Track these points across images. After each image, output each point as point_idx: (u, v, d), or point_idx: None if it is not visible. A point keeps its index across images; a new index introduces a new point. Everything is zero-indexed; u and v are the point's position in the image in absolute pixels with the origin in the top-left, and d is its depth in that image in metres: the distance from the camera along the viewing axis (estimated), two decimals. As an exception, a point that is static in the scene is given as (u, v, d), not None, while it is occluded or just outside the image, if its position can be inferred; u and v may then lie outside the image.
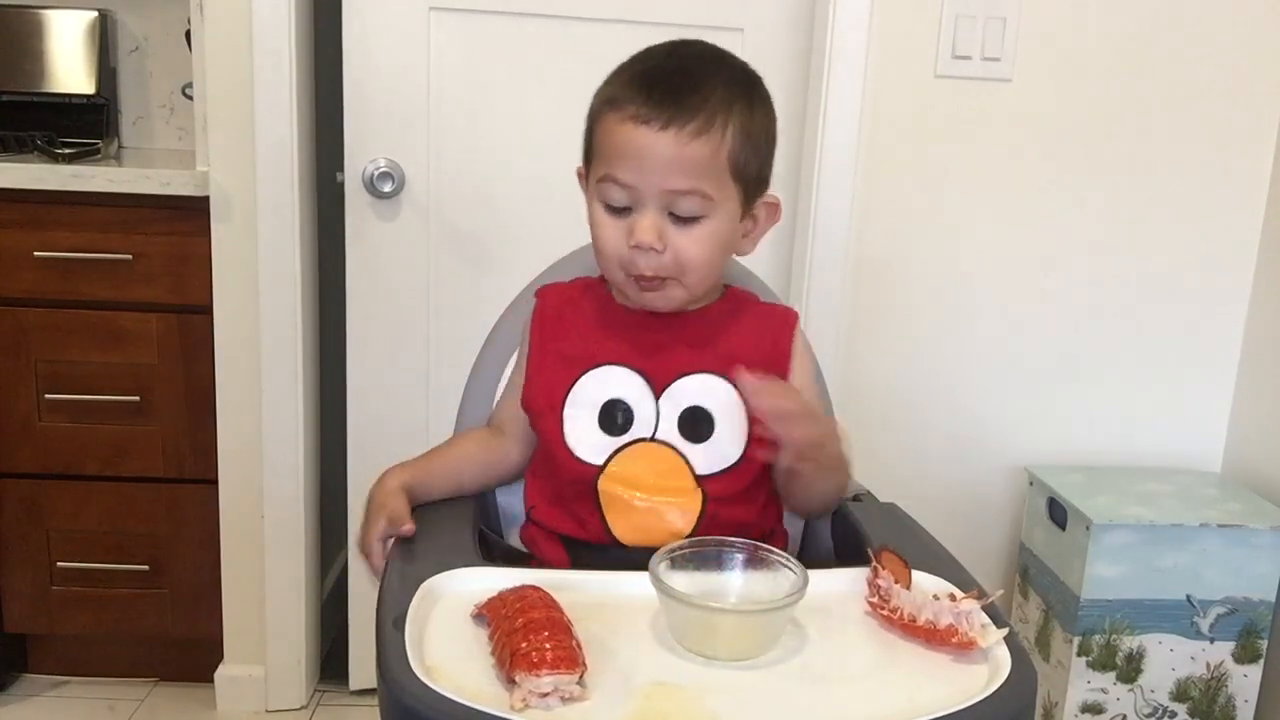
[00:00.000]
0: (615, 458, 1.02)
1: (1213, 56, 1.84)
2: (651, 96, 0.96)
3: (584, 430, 1.03)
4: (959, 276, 1.89)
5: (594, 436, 1.03)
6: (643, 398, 1.03)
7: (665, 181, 0.96)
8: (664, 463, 1.03)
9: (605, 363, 1.04)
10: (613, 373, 1.04)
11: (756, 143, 1.00)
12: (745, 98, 1.00)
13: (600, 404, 1.03)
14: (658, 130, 0.95)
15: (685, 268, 0.99)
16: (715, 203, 0.98)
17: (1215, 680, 1.76)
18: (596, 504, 1.02)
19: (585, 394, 1.04)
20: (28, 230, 1.79)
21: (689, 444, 1.03)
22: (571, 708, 0.74)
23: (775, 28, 1.86)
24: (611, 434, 1.03)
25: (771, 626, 0.83)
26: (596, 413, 1.03)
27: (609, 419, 1.03)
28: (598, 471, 1.02)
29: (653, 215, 0.97)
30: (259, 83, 1.75)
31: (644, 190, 0.97)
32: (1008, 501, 1.98)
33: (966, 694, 0.77)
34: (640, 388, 1.04)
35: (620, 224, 0.99)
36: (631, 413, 1.03)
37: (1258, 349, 1.91)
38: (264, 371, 1.85)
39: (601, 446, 1.03)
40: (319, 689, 2.05)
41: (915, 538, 1.03)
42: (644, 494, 1.02)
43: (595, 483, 1.02)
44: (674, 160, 0.95)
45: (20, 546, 1.90)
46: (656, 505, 1.02)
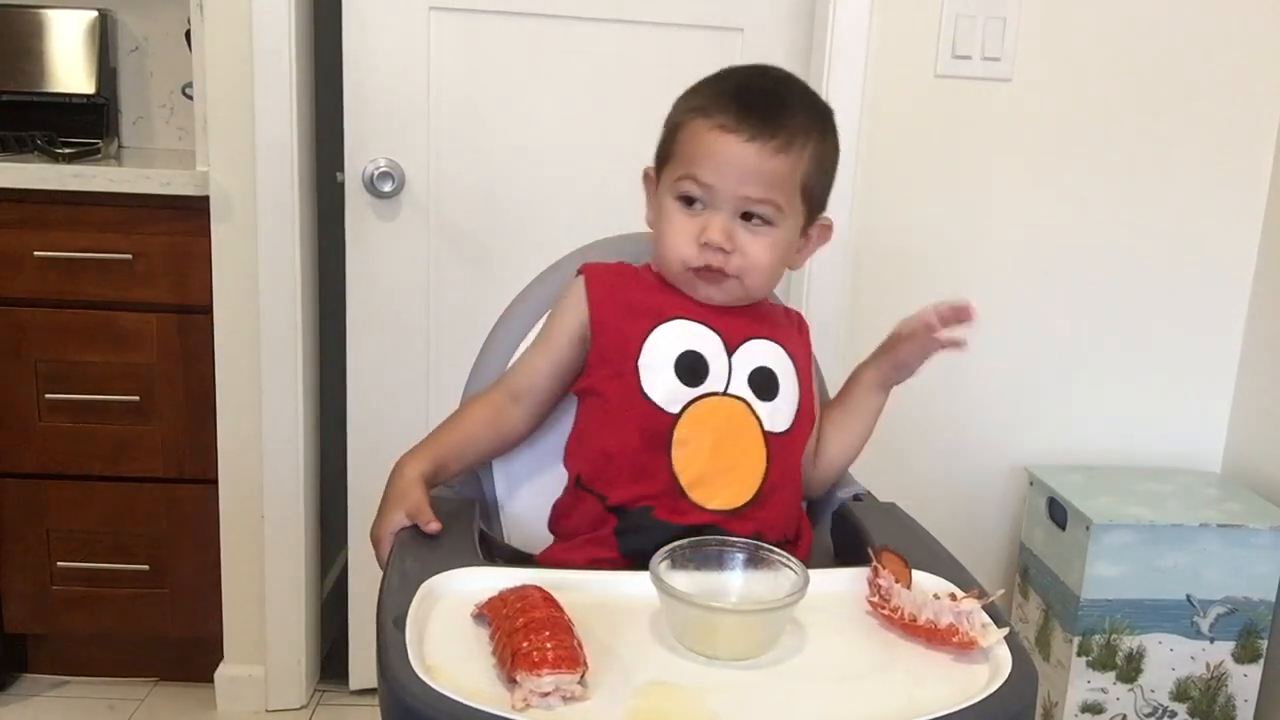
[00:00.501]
0: (691, 406, 1.04)
1: (1213, 56, 1.84)
2: (743, 110, 1.03)
3: (661, 380, 1.05)
4: (959, 276, 1.89)
5: (670, 385, 1.05)
6: (718, 352, 1.07)
7: (742, 188, 1.03)
8: (737, 416, 1.06)
9: (678, 316, 1.07)
10: (688, 326, 1.07)
11: (825, 169, 1.09)
12: (822, 127, 1.08)
13: (676, 355, 1.06)
14: (744, 141, 1.02)
15: (749, 269, 1.06)
16: (785, 214, 1.05)
17: (1215, 680, 1.76)
18: (667, 453, 1.03)
19: (661, 346, 1.06)
20: (28, 230, 1.79)
21: (759, 400, 1.07)
22: (572, 707, 0.74)
23: (775, 28, 1.86)
24: (688, 384, 1.05)
25: (772, 626, 0.83)
26: (673, 363, 1.05)
27: (685, 370, 1.05)
28: (673, 420, 1.04)
29: (725, 217, 1.04)
30: (259, 83, 1.76)
31: (721, 192, 1.04)
32: (1008, 501, 1.98)
33: (967, 693, 0.77)
34: (715, 342, 1.07)
35: (692, 221, 1.06)
36: (707, 366, 1.06)
37: (1258, 349, 1.91)
38: (264, 371, 1.85)
39: (678, 396, 1.05)
40: (319, 689, 2.05)
41: (915, 537, 1.04)
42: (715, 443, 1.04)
43: (670, 431, 1.03)
44: (755, 170, 1.03)
45: (20, 546, 1.90)
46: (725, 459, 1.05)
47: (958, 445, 1.96)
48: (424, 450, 1.11)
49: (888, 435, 1.93)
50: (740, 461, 1.05)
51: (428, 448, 1.11)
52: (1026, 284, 1.90)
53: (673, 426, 1.03)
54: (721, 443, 1.04)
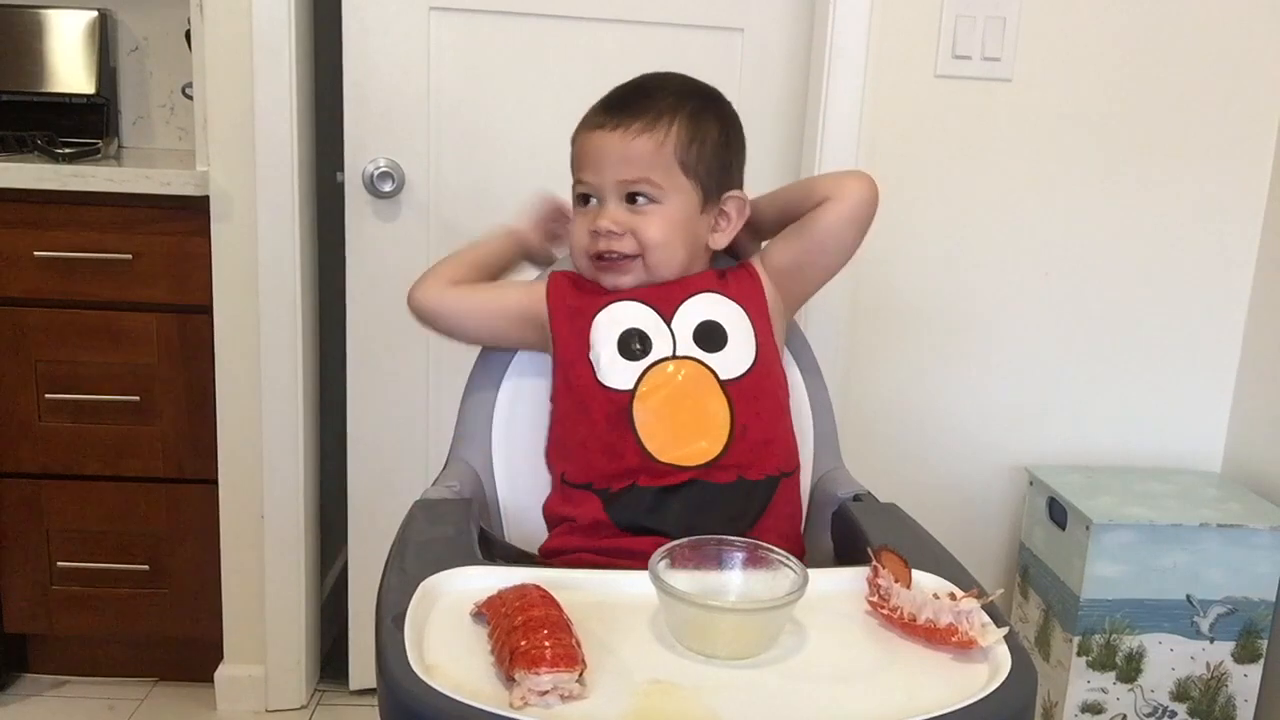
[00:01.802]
0: (643, 379, 1.10)
1: (1213, 56, 1.84)
2: (607, 107, 1.14)
3: (608, 362, 1.10)
4: (959, 276, 1.89)
5: (618, 365, 1.10)
6: (655, 323, 1.12)
7: (617, 173, 1.12)
8: (690, 374, 1.11)
9: (612, 301, 1.14)
10: (623, 307, 1.13)
11: (705, 142, 1.14)
12: (694, 103, 1.14)
13: (617, 336, 1.11)
14: (609, 131, 1.12)
15: (645, 246, 1.12)
16: (665, 190, 1.12)
17: (1215, 680, 1.76)
18: (631, 427, 1.08)
19: (602, 330, 1.12)
20: (28, 230, 1.79)
21: (708, 354, 1.11)
22: (571, 706, 0.74)
23: (775, 28, 1.86)
24: (633, 359, 1.11)
25: (771, 625, 0.83)
26: (615, 344, 1.11)
27: (627, 347, 1.11)
28: (629, 397, 1.09)
29: (612, 206, 1.13)
30: (259, 83, 1.76)
31: (602, 185, 1.13)
32: (1008, 501, 1.98)
33: (966, 693, 0.77)
34: (650, 314, 1.12)
35: (586, 217, 1.15)
36: (648, 338, 1.11)
37: (1258, 349, 1.91)
38: (264, 371, 1.85)
39: (628, 372, 1.10)
40: (319, 689, 2.05)
41: (915, 537, 1.03)
42: (674, 408, 1.09)
43: (629, 407, 1.09)
44: (622, 154, 1.11)
45: (20, 546, 1.90)
46: (687, 419, 1.09)
47: (958, 445, 1.96)
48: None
49: (888, 435, 1.95)
50: (702, 416, 1.10)
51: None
52: (1026, 284, 1.90)
53: (630, 403, 1.09)
54: (680, 403, 1.10)
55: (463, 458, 1.21)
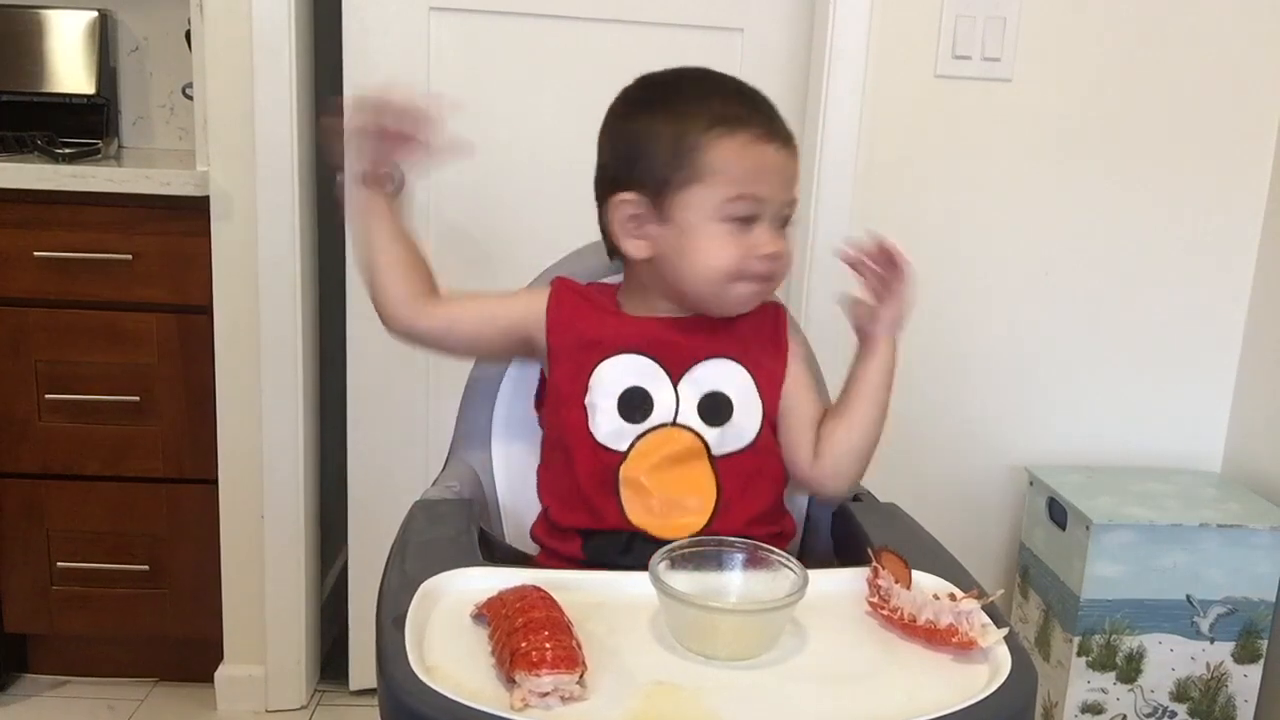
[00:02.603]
0: (637, 444, 1.05)
1: (1213, 56, 1.84)
2: (765, 117, 1.05)
3: (605, 418, 1.05)
4: (959, 276, 1.89)
5: (615, 424, 1.05)
6: (662, 384, 1.06)
7: (785, 193, 1.05)
8: (684, 446, 1.06)
9: (621, 350, 1.07)
10: (632, 361, 1.06)
11: None
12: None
13: (620, 392, 1.05)
14: (779, 147, 1.04)
15: (788, 268, 1.08)
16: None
17: (1215, 680, 1.76)
18: (616, 491, 1.04)
19: (605, 382, 1.06)
20: (28, 230, 1.79)
21: (708, 427, 1.06)
22: (571, 707, 0.74)
23: (775, 28, 1.86)
24: (632, 421, 1.05)
25: (771, 626, 0.83)
26: (616, 401, 1.05)
27: (629, 407, 1.05)
28: (620, 459, 1.04)
29: (773, 227, 1.05)
30: (259, 83, 1.76)
31: (772, 203, 1.04)
32: (1008, 501, 1.98)
33: (967, 694, 0.77)
34: (659, 374, 1.06)
35: (741, 238, 1.03)
36: (651, 400, 1.06)
37: (1257, 349, 1.91)
38: (264, 371, 1.85)
39: (623, 434, 1.05)
40: (319, 689, 2.05)
41: (915, 538, 1.04)
42: (660, 479, 1.04)
43: (617, 470, 1.04)
44: (791, 175, 1.06)
45: (20, 546, 1.90)
46: (673, 493, 1.04)
47: (958, 445, 1.96)
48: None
49: (888, 435, 1.94)
50: (688, 490, 1.05)
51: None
52: (1026, 284, 1.90)
53: (619, 465, 1.04)
54: (668, 473, 1.05)
55: (462, 458, 1.21)
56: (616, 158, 1.07)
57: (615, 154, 1.07)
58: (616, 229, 1.07)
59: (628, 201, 1.05)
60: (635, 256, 1.07)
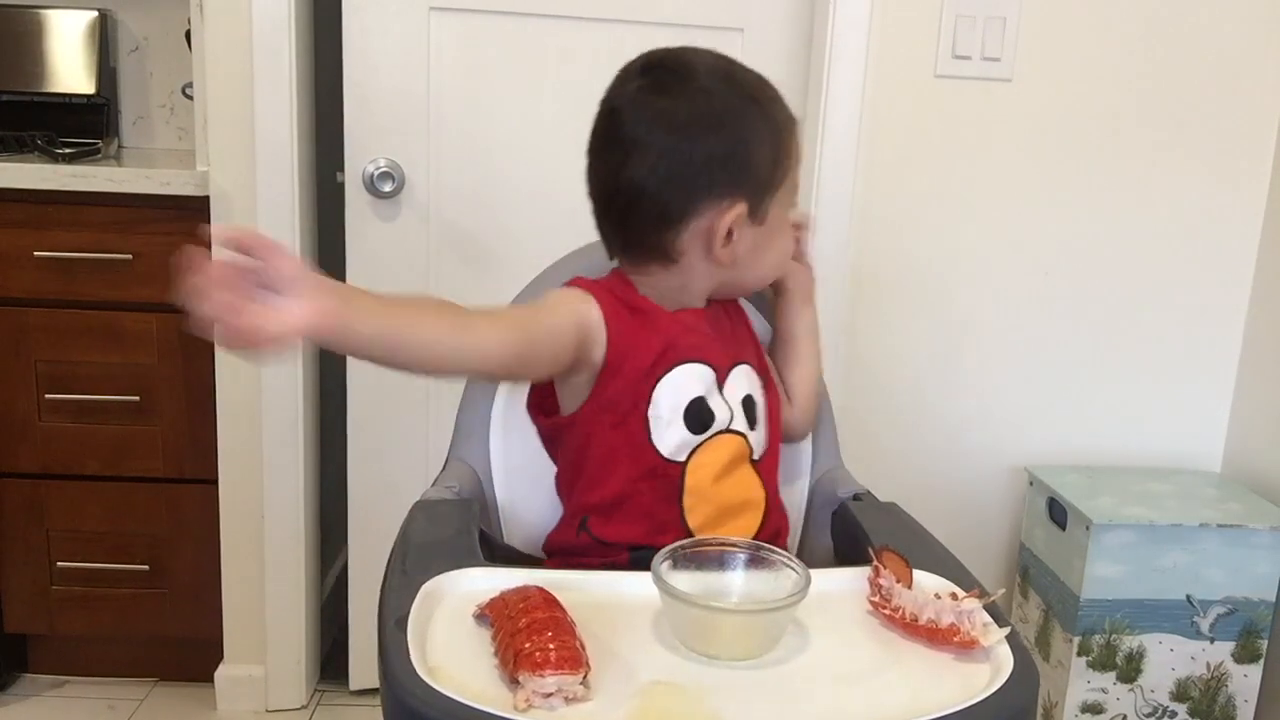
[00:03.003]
0: (697, 452, 1.04)
1: (1213, 57, 1.84)
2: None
3: (671, 431, 1.02)
4: (959, 276, 1.89)
5: (680, 437, 1.03)
6: (715, 391, 1.05)
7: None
8: (736, 452, 1.06)
9: (684, 360, 1.03)
10: (693, 371, 1.04)
11: None
12: None
13: (685, 405, 1.03)
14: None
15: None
16: None
17: (1215, 680, 1.76)
18: (679, 502, 1.03)
19: (669, 396, 1.02)
20: (28, 230, 1.79)
21: (750, 431, 1.07)
22: (575, 708, 0.74)
23: (775, 28, 1.86)
24: (697, 432, 1.04)
25: (773, 626, 0.83)
26: (682, 414, 1.03)
27: (694, 419, 1.03)
28: (682, 469, 1.03)
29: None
30: (259, 83, 1.75)
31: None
32: (1008, 501, 1.98)
33: (968, 693, 0.77)
34: (713, 380, 1.05)
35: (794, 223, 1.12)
36: (711, 412, 1.04)
37: (1257, 349, 1.91)
38: (264, 372, 1.85)
39: (687, 445, 1.03)
40: (319, 689, 2.05)
41: (916, 537, 1.03)
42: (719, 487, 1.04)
43: (681, 481, 1.03)
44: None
45: (20, 546, 1.90)
46: (730, 499, 1.05)
47: (958, 445, 1.96)
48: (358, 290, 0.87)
49: (889, 435, 1.95)
50: (742, 494, 1.06)
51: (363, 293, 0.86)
52: (1026, 284, 1.90)
53: (682, 475, 1.03)
54: (724, 480, 1.05)
55: (462, 458, 1.21)
56: (712, 165, 0.99)
57: (709, 160, 0.99)
58: (714, 238, 1.01)
59: (736, 210, 1.00)
60: (724, 264, 1.03)
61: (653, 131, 0.99)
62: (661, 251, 1.03)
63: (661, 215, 1.01)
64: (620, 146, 1.01)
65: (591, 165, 1.05)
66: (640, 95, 1.00)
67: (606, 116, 1.03)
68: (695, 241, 1.02)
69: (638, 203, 1.01)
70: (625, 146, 1.00)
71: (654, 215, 1.01)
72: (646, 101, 1.00)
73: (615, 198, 1.03)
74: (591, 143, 1.05)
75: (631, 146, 0.99)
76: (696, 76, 1.00)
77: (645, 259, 1.04)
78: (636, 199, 1.00)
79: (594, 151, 1.05)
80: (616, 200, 1.03)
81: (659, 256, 1.03)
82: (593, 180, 1.06)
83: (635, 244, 1.05)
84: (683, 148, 0.99)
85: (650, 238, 1.02)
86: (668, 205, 1.00)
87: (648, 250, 1.04)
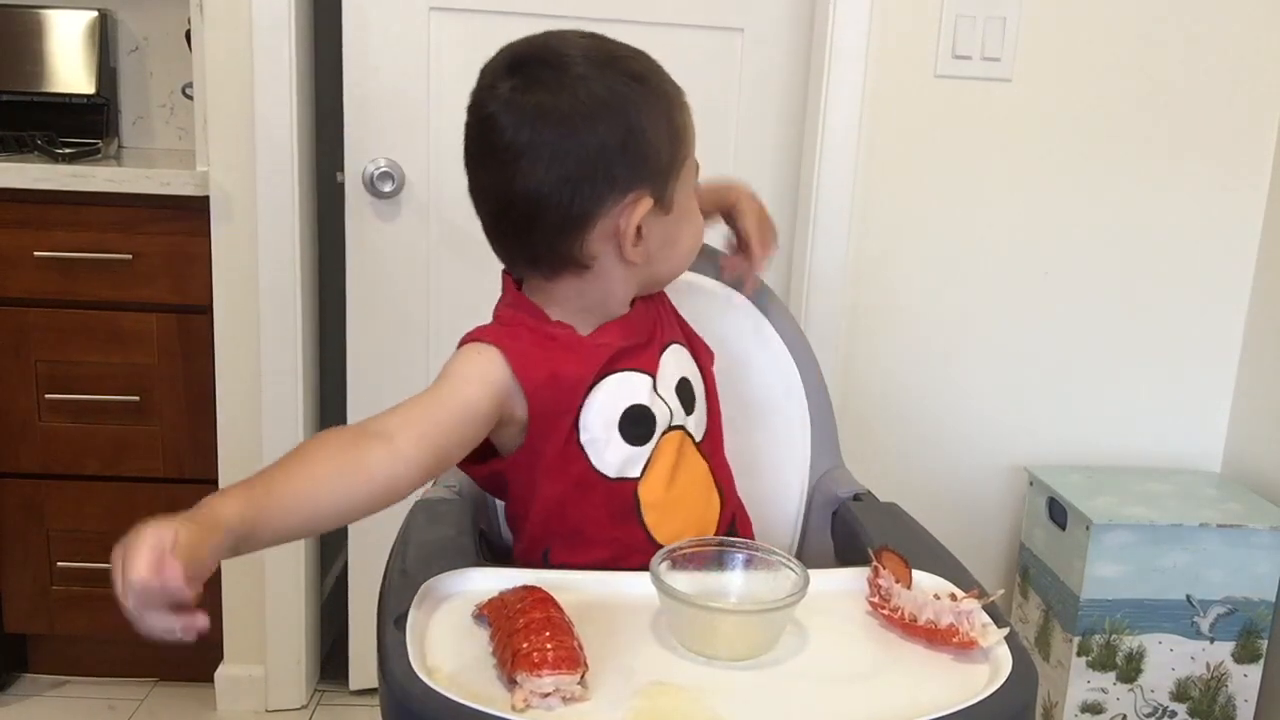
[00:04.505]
0: (649, 466, 0.98)
1: (1213, 56, 1.84)
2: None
3: (610, 451, 0.96)
4: (959, 276, 1.89)
5: (622, 453, 0.96)
6: (649, 392, 0.98)
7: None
8: (678, 445, 1.00)
9: (606, 373, 0.96)
10: (620, 381, 0.97)
11: None
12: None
13: (618, 417, 0.96)
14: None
15: None
16: None
17: (1215, 680, 1.76)
18: (640, 521, 0.98)
19: (598, 413, 0.95)
20: (28, 230, 1.79)
21: (687, 416, 1.02)
22: (573, 708, 0.74)
23: (775, 28, 1.86)
24: (638, 444, 0.97)
25: (772, 626, 0.83)
26: (616, 428, 0.96)
27: (631, 431, 0.97)
28: (636, 484, 0.98)
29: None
30: (259, 83, 1.76)
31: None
32: (1008, 501, 1.98)
33: (968, 693, 0.77)
34: (645, 383, 0.98)
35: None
36: (651, 414, 0.98)
37: (1258, 349, 1.91)
38: (264, 371, 1.85)
39: (634, 458, 0.97)
40: (319, 689, 2.05)
41: (916, 537, 1.03)
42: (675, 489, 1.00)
43: (636, 495, 0.98)
44: None
45: (20, 546, 1.90)
46: (688, 497, 1.01)
47: (958, 445, 1.96)
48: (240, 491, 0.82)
49: (888, 435, 1.95)
50: (696, 489, 1.02)
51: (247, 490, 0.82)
52: (1026, 284, 1.90)
53: (636, 491, 0.98)
54: (678, 479, 1.00)
55: (463, 458, 1.21)
56: (608, 156, 0.90)
57: (603, 152, 0.90)
58: (624, 238, 0.92)
59: (643, 205, 0.93)
60: (637, 263, 0.95)
61: (538, 132, 0.90)
62: (572, 260, 0.94)
63: (564, 221, 0.91)
64: (504, 155, 0.91)
65: (475, 179, 0.97)
66: (514, 95, 0.92)
67: (481, 124, 0.94)
68: (605, 244, 0.93)
69: (536, 212, 0.91)
70: (510, 154, 0.91)
71: (556, 222, 0.91)
72: (521, 101, 0.91)
73: (509, 211, 0.93)
74: (470, 155, 0.97)
75: (517, 153, 0.90)
76: (570, 64, 0.93)
77: (556, 271, 0.95)
78: (534, 208, 0.91)
79: (475, 164, 0.96)
80: (511, 213, 0.93)
81: (570, 265, 0.94)
82: (480, 195, 0.97)
83: (542, 257, 0.95)
84: (572, 144, 0.90)
85: (558, 247, 0.93)
86: (569, 209, 0.91)
87: (558, 261, 0.94)
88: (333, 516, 0.86)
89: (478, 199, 0.97)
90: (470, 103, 0.97)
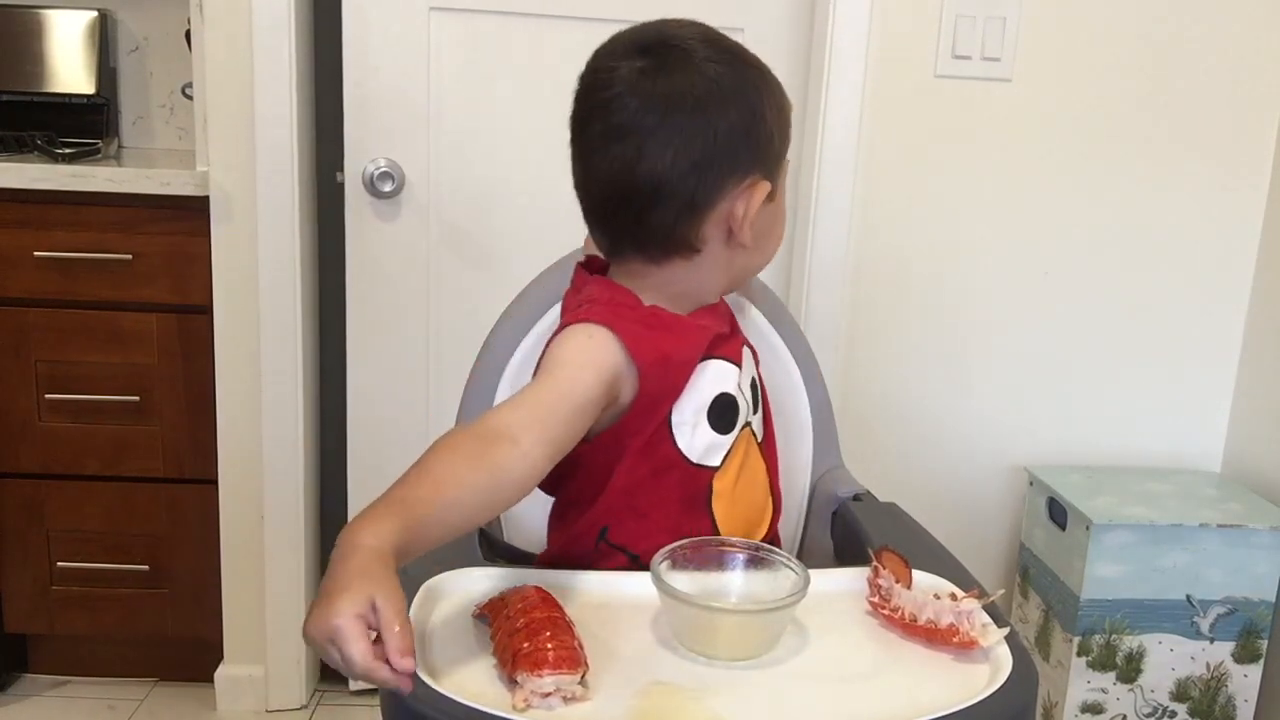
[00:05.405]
0: (729, 456, 0.99)
1: (1213, 56, 1.84)
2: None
3: (697, 435, 0.97)
4: (959, 276, 1.89)
5: (706, 439, 0.97)
6: (735, 384, 1.00)
7: None
8: (747, 442, 1.02)
9: (709, 356, 0.97)
10: (716, 367, 0.98)
11: None
12: None
13: (709, 403, 0.97)
14: None
15: None
16: None
17: (1215, 680, 1.76)
18: (709, 512, 0.99)
19: (692, 397, 0.96)
20: (28, 230, 1.79)
21: (754, 416, 1.03)
22: (573, 708, 0.74)
23: (775, 27, 1.86)
24: (724, 431, 0.98)
25: (772, 626, 0.83)
26: (706, 413, 0.97)
27: (719, 418, 0.98)
28: (713, 474, 0.99)
29: None
30: (259, 83, 1.76)
31: None
32: (1008, 501, 1.98)
33: (968, 693, 0.77)
34: (734, 374, 1.00)
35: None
36: (736, 405, 0.99)
37: (1258, 348, 1.91)
38: (264, 371, 1.85)
39: (716, 446, 0.98)
40: (319, 689, 2.05)
41: (916, 537, 1.03)
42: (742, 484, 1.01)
43: (710, 488, 0.99)
44: None
45: (20, 546, 1.90)
46: (750, 493, 1.02)
47: (958, 445, 1.96)
48: (386, 511, 0.77)
49: (888, 435, 1.94)
50: (758, 487, 1.04)
51: (394, 504, 0.79)
52: (1026, 284, 1.90)
53: (713, 479, 0.98)
54: (743, 476, 1.01)
55: (463, 458, 1.20)
56: (734, 142, 0.92)
57: (730, 137, 0.91)
58: (738, 221, 0.94)
59: (761, 189, 0.94)
60: (747, 246, 0.96)
61: (668, 115, 0.90)
62: (685, 244, 0.94)
63: (687, 204, 0.92)
64: (629, 138, 0.91)
65: (589, 162, 0.95)
66: (641, 80, 0.91)
67: (603, 107, 0.93)
68: (718, 229, 0.94)
69: (657, 195, 0.92)
70: (637, 136, 0.91)
71: (678, 206, 0.92)
72: (650, 85, 0.91)
73: (629, 194, 0.92)
74: (584, 138, 0.95)
75: (646, 135, 0.90)
76: (695, 50, 0.93)
77: (667, 254, 0.95)
78: (656, 191, 0.91)
79: (590, 148, 0.95)
80: (630, 196, 0.93)
81: (682, 249, 0.95)
82: (593, 178, 0.95)
83: (655, 240, 0.95)
84: (702, 128, 0.91)
85: (675, 231, 0.94)
86: (693, 193, 0.92)
87: (671, 244, 0.95)
88: (472, 528, 0.88)
89: (589, 182, 0.96)
90: (584, 86, 0.96)
